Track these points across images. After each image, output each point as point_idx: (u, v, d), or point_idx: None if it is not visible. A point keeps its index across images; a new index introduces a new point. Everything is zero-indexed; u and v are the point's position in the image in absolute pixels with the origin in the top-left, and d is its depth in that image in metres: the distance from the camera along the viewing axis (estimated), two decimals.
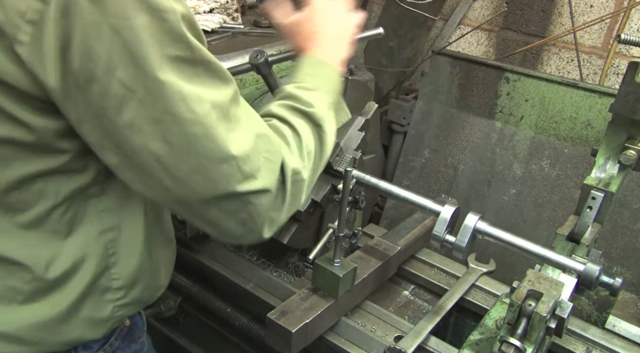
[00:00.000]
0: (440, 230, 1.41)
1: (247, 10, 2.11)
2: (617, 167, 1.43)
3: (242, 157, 0.87)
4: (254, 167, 0.88)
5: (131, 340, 1.18)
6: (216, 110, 0.84)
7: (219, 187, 0.86)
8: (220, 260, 1.79)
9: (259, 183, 0.89)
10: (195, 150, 0.83)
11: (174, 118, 0.81)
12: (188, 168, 0.84)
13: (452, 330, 1.79)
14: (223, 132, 0.85)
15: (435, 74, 2.56)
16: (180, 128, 0.81)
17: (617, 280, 1.27)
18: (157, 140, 0.81)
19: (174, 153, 0.83)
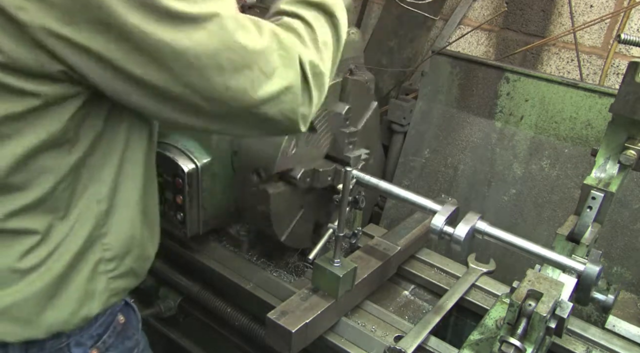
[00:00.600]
0: (439, 222, 1.40)
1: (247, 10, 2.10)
2: (617, 167, 1.43)
3: (260, 56, 0.91)
4: (272, 66, 0.93)
5: (125, 337, 1.19)
6: (230, 21, 0.88)
7: (248, 95, 0.91)
8: (220, 260, 1.79)
9: (281, 82, 0.94)
10: (220, 65, 0.87)
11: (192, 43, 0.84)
12: (221, 84, 0.89)
13: (452, 330, 1.79)
14: (239, 38, 0.89)
15: (435, 74, 2.55)
16: (202, 49, 0.85)
17: (610, 297, 1.27)
18: (187, 70, 0.86)
19: (203, 75, 0.87)
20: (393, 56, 2.74)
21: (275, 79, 0.93)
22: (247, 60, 0.90)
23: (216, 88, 0.89)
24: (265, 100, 0.93)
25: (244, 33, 0.90)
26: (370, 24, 3.20)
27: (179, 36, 0.83)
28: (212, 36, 0.86)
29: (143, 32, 0.81)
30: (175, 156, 1.62)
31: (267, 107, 0.94)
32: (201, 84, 0.88)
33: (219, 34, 0.87)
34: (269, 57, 0.93)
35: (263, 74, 0.92)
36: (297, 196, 1.65)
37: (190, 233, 1.70)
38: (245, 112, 0.94)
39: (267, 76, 0.92)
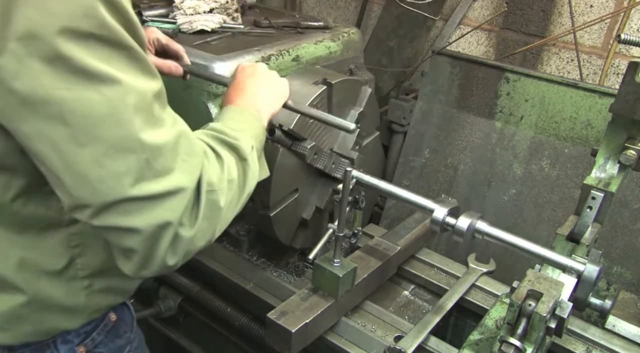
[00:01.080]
0: (440, 214, 1.40)
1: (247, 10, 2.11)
2: (617, 167, 1.43)
3: (153, 149, 0.79)
4: (166, 166, 0.81)
5: (116, 336, 1.17)
6: (133, 97, 0.77)
7: (123, 184, 0.78)
8: (220, 260, 1.79)
9: (170, 183, 0.81)
10: (99, 135, 0.75)
11: (74, 96, 0.73)
12: (89, 157, 0.76)
13: (452, 330, 1.79)
14: (136, 120, 0.77)
15: (435, 74, 2.56)
16: (83, 109, 0.74)
17: (607, 302, 1.27)
18: (54, 122, 0.74)
19: (73, 137, 0.75)
20: (393, 56, 2.75)
21: (163, 180, 0.80)
22: (134, 146, 0.77)
23: (85, 160, 0.76)
24: (139, 198, 0.79)
25: (146, 117, 0.79)
26: (370, 24, 3.20)
27: (58, 83, 0.73)
28: (102, 101, 0.75)
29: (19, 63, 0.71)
30: None
31: (138, 207, 0.79)
32: (68, 148, 0.75)
33: (112, 103, 0.75)
34: (165, 155, 0.81)
35: (149, 168, 0.79)
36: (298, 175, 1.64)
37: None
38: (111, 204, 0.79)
39: (153, 173, 0.80)
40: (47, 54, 0.71)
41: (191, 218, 0.85)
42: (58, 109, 0.73)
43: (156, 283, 2.00)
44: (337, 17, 3.44)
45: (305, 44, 1.84)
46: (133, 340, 1.23)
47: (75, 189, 0.78)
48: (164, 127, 0.82)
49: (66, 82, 0.73)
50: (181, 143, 0.84)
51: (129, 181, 0.78)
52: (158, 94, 0.82)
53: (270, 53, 1.72)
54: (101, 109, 0.75)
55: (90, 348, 1.11)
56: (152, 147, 0.79)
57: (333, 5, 3.45)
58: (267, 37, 1.85)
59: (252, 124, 1.13)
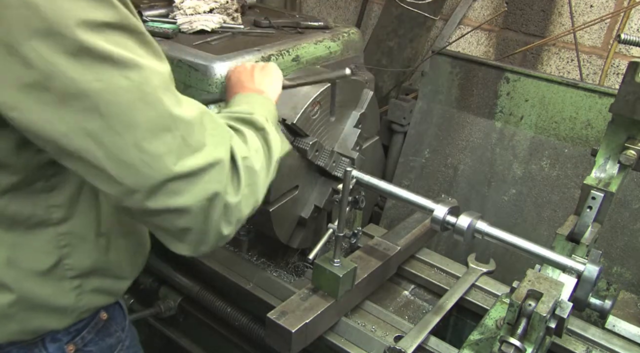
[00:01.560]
0: (441, 213, 1.40)
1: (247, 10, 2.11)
2: (617, 167, 1.43)
3: (186, 124, 0.81)
4: (200, 140, 0.83)
5: (106, 334, 1.15)
6: (157, 78, 0.79)
7: (166, 164, 0.79)
8: (220, 260, 1.79)
9: (208, 156, 0.83)
10: (135, 120, 0.77)
11: (105, 86, 0.74)
12: (130, 143, 0.77)
13: (452, 330, 1.79)
14: (165, 99, 0.79)
15: (435, 74, 2.56)
16: (114, 97, 0.75)
17: (607, 302, 1.26)
18: (90, 115, 0.75)
19: (111, 127, 0.76)
20: (393, 56, 2.74)
21: (200, 154, 0.83)
22: (168, 123, 0.80)
23: (125, 147, 0.77)
24: (184, 175, 0.81)
25: (171, 96, 0.81)
26: (370, 24, 3.20)
27: (87, 75, 0.73)
28: (131, 86, 0.76)
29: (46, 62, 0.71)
30: None
31: (184, 182, 0.81)
32: (107, 138, 0.76)
33: (141, 87, 0.77)
34: (196, 130, 0.83)
35: (186, 145, 0.81)
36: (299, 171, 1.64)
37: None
38: (159, 185, 0.80)
39: (190, 149, 0.82)
40: (71, 49, 0.72)
41: (234, 185, 0.89)
42: (92, 102, 0.74)
43: (156, 283, 2.00)
44: (337, 17, 3.44)
45: (305, 44, 1.84)
46: (125, 339, 1.21)
47: (122, 177, 0.79)
48: (186, 105, 0.84)
49: (95, 73, 0.74)
50: (205, 119, 0.87)
51: (172, 160, 0.80)
52: (171, 75, 0.85)
53: (270, 53, 1.71)
54: (132, 94, 0.76)
55: (79, 347, 1.09)
56: (185, 122, 0.81)
57: (333, 5, 3.45)
58: (267, 37, 1.85)
59: (261, 102, 1.18)
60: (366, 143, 1.92)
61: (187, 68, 1.59)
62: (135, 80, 0.77)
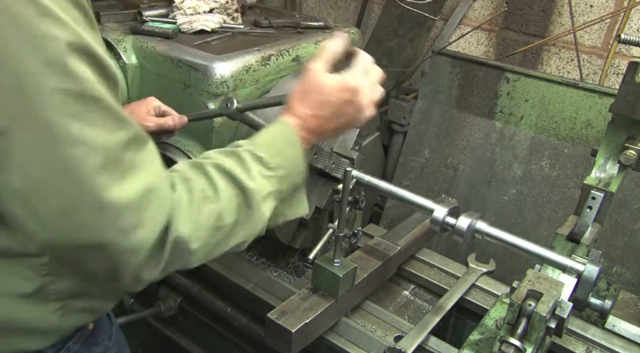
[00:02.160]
0: (440, 214, 1.40)
1: (247, 10, 2.11)
2: (617, 167, 1.42)
3: (120, 209, 0.78)
4: (132, 223, 0.80)
5: (93, 344, 1.12)
6: (100, 156, 0.76)
7: (86, 235, 0.78)
8: (220, 260, 1.79)
9: (132, 241, 0.80)
10: (66, 193, 0.75)
11: (43, 155, 0.73)
12: (54, 208, 0.76)
13: (452, 330, 1.79)
14: (103, 181, 0.76)
15: (435, 74, 2.56)
16: (50, 166, 0.74)
17: (607, 302, 1.26)
18: (20, 175, 0.73)
19: (39, 191, 0.75)
20: (393, 56, 2.75)
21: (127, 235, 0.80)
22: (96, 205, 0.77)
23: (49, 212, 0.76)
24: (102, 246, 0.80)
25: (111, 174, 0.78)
26: (370, 24, 3.20)
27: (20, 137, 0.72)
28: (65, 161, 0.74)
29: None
30: (175, 156, 1.62)
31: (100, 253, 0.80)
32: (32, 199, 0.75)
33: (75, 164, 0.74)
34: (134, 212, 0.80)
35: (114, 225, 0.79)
36: None
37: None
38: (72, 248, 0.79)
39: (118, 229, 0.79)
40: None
41: (152, 265, 0.85)
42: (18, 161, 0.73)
43: (156, 283, 2.00)
44: (337, 17, 3.44)
45: (305, 44, 1.84)
46: (112, 347, 1.17)
47: (40, 233, 0.78)
48: (131, 174, 0.80)
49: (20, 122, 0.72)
50: (150, 197, 0.81)
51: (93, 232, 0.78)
52: (129, 141, 0.80)
53: (270, 53, 1.71)
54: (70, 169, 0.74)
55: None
56: (118, 206, 0.78)
57: (333, 5, 3.45)
58: (267, 37, 1.85)
59: (293, 160, 1.02)
60: (366, 140, 1.92)
61: (187, 68, 1.59)
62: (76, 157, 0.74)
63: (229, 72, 1.57)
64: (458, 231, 1.37)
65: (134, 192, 0.79)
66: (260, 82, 1.69)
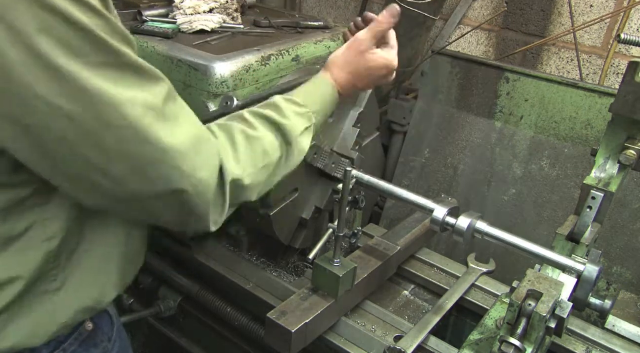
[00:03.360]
0: (440, 214, 1.40)
1: (247, 10, 2.11)
2: (617, 167, 1.43)
3: (178, 155, 0.87)
4: (190, 166, 0.88)
5: (91, 345, 1.10)
6: (149, 112, 0.83)
7: (157, 186, 0.87)
8: (220, 260, 1.79)
9: (198, 184, 0.90)
10: (131, 154, 0.83)
11: (105, 125, 0.80)
12: (125, 170, 0.84)
13: (452, 330, 1.79)
14: (158, 132, 0.84)
15: (435, 74, 2.56)
16: (113, 134, 0.81)
17: (607, 302, 1.26)
18: (91, 149, 0.81)
19: (110, 159, 0.82)
20: None
21: (188, 179, 0.89)
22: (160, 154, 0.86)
23: (123, 170, 0.84)
24: (169, 193, 0.88)
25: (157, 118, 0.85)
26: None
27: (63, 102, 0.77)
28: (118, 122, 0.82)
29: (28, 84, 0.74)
30: None
31: (171, 200, 0.90)
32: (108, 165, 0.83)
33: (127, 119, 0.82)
34: (185, 155, 0.88)
35: (176, 170, 0.88)
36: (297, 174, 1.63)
37: (190, 233, 1.70)
38: (149, 199, 0.89)
39: (180, 173, 0.88)
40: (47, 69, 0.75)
41: (219, 206, 0.96)
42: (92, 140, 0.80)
43: (156, 283, 2.00)
44: (337, 17, 3.44)
45: (305, 44, 1.84)
46: (111, 350, 1.16)
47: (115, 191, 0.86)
48: (178, 123, 0.88)
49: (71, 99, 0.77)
50: (197, 143, 0.90)
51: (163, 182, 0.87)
52: (167, 96, 0.88)
53: (270, 53, 1.71)
54: (128, 132, 0.81)
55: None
56: (176, 151, 0.86)
57: (333, 5, 3.45)
58: (267, 37, 1.85)
59: (325, 97, 1.19)
60: (366, 140, 1.91)
61: (187, 68, 1.59)
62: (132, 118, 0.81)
63: (229, 72, 1.57)
64: (458, 231, 1.37)
65: (185, 139, 0.88)
66: (260, 82, 1.69)
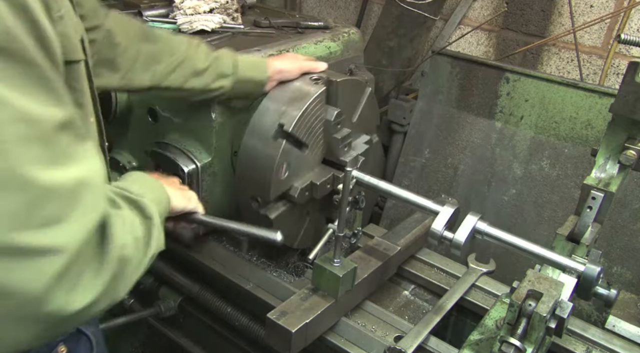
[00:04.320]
0: (439, 227, 1.40)
1: (247, 10, 2.11)
2: (617, 167, 1.43)
3: (44, 190, 0.66)
4: (59, 213, 0.68)
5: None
6: (24, 125, 0.65)
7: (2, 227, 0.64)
8: (220, 260, 1.79)
9: (57, 237, 0.68)
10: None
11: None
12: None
13: (452, 330, 1.79)
14: (25, 154, 0.65)
15: (435, 74, 2.56)
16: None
17: (612, 292, 1.26)
18: None
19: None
20: (393, 56, 2.75)
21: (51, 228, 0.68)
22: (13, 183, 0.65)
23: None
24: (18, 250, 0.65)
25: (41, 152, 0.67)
26: (370, 24, 3.20)
27: None
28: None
29: None
30: (175, 156, 1.62)
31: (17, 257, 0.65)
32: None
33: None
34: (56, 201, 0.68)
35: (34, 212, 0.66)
36: (300, 209, 1.66)
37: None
38: None
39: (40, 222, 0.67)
40: None
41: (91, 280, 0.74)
42: None
43: (156, 283, 2.00)
44: (337, 17, 3.44)
45: (305, 44, 1.84)
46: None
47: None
48: (65, 161, 0.70)
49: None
50: (81, 189, 0.71)
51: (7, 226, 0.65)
52: (65, 125, 0.71)
53: (270, 53, 1.71)
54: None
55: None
56: (43, 186, 0.66)
57: (333, 5, 3.45)
58: (267, 37, 1.85)
59: (156, 188, 1.10)
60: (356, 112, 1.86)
61: None
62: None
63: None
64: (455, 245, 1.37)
65: (64, 176, 0.69)
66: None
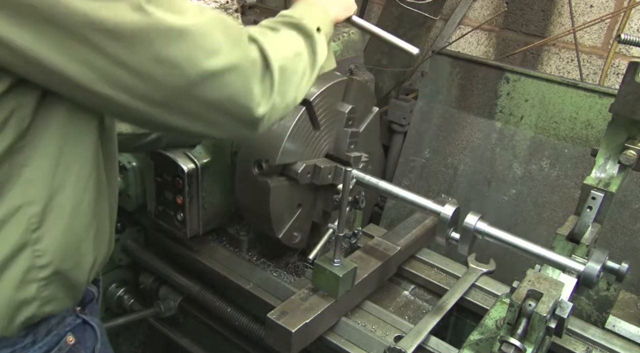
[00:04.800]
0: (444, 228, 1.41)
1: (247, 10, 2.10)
2: (617, 167, 1.43)
3: (197, 31, 0.83)
4: (214, 42, 0.85)
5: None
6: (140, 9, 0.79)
7: (184, 71, 0.83)
8: (220, 260, 1.79)
9: (225, 58, 0.86)
10: (147, 38, 0.79)
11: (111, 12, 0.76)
12: (147, 58, 0.80)
13: (452, 330, 1.79)
14: (170, 11, 0.81)
15: (435, 74, 2.56)
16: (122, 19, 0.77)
17: (624, 266, 1.27)
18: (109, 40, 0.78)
19: (127, 47, 0.79)
20: (393, 56, 2.75)
21: (218, 56, 0.86)
22: (177, 35, 0.82)
23: (145, 61, 0.81)
24: (205, 77, 0.85)
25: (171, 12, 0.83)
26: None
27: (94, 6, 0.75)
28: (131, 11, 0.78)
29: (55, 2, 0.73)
30: (175, 156, 1.62)
31: (209, 86, 0.86)
32: (127, 57, 0.80)
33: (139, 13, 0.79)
34: (207, 34, 0.85)
35: (201, 49, 0.84)
36: (297, 193, 1.65)
37: (190, 233, 1.70)
38: (184, 92, 0.85)
39: (206, 52, 0.85)
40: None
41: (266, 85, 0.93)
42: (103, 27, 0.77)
43: (156, 283, 2.00)
44: None
45: None
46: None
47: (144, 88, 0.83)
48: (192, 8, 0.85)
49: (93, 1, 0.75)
50: (218, 21, 0.88)
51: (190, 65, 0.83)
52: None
53: None
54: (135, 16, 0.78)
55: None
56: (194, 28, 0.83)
57: None
58: None
59: (317, 14, 1.17)
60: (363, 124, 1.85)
61: None
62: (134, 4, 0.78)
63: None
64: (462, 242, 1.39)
65: (201, 17, 0.85)
66: None
